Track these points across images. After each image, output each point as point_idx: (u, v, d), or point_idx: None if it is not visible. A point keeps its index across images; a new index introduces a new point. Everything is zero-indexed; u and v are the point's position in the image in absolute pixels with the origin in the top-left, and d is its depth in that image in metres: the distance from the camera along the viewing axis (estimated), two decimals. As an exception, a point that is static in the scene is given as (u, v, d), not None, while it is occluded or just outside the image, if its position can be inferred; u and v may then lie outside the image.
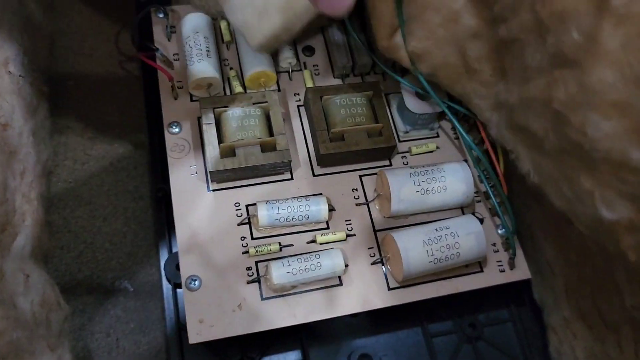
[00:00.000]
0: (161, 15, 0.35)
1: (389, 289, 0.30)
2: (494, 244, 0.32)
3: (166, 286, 0.32)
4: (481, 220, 0.32)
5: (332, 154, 0.31)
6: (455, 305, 0.33)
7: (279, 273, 0.28)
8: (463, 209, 0.33)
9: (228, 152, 0.30)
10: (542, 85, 0.21)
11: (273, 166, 0.30)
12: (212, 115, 0.31)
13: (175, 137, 0.32)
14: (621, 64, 0.17)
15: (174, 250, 0.32)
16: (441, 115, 0.34)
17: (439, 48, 0.27)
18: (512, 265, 0.31)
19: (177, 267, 0.30)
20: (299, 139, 0.33)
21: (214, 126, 0.30)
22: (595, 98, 0.18)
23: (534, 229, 0.32)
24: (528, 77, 0.22)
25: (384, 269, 0.30)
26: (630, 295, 0.25)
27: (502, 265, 0.32)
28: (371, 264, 0.30)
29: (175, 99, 0.33)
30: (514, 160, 0.27)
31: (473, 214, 0.32)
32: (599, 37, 0.18)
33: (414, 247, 0.29)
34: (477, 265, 0.31)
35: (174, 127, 0.32)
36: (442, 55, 0.28)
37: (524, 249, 0.33)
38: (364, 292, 0.30)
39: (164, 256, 0.32)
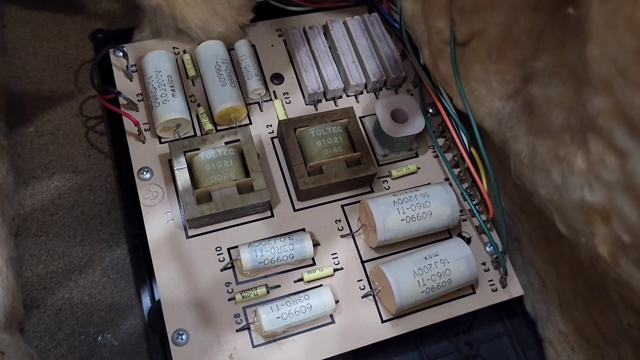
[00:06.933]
0: (120, 55, 0.33)
1: (383, 321, 0.29)
2: (483, 263, 0.32)
3: (152, 337, 0.30)
4: (468, 240, 0.32)
5: (312, 189, 0.30)
6: (450, 325, 0.32)
7: (268, 319, 0.27)
8: (450, 230, 0.32)
9: (204, 197, 0.29)
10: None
11: (252, 207, 0.29)
12: (184, 160, 0.29)
13: (147, 184, 0.31)
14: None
15: (156, 298, 0.31)
16: (418, 135, 0.33)
17: None
18: (504, 284, 0.31)
19: (162, 315, 0.29)
20: (276, 174, 0.32)
21: (186, 171, 0.29)
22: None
23: (523, 242, 0.32)
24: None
25: (375, 302, 0.30)
26: (625, 314, 0.25)
27: (494, 284, 0.31)
28: (362, 297, 0.30)
29: (143, 142, 0.31)
30: (504, 144, 0.27)
31: (460, 234, 0.32)
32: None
33: (405, 279, 0.28)
34: (469, 287, 0.31)
35: (144, 173, 0.31)
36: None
37: (513, 264, 0.32)
38: (357, 327, 0.29)
39: (146, 305, 0.31)
